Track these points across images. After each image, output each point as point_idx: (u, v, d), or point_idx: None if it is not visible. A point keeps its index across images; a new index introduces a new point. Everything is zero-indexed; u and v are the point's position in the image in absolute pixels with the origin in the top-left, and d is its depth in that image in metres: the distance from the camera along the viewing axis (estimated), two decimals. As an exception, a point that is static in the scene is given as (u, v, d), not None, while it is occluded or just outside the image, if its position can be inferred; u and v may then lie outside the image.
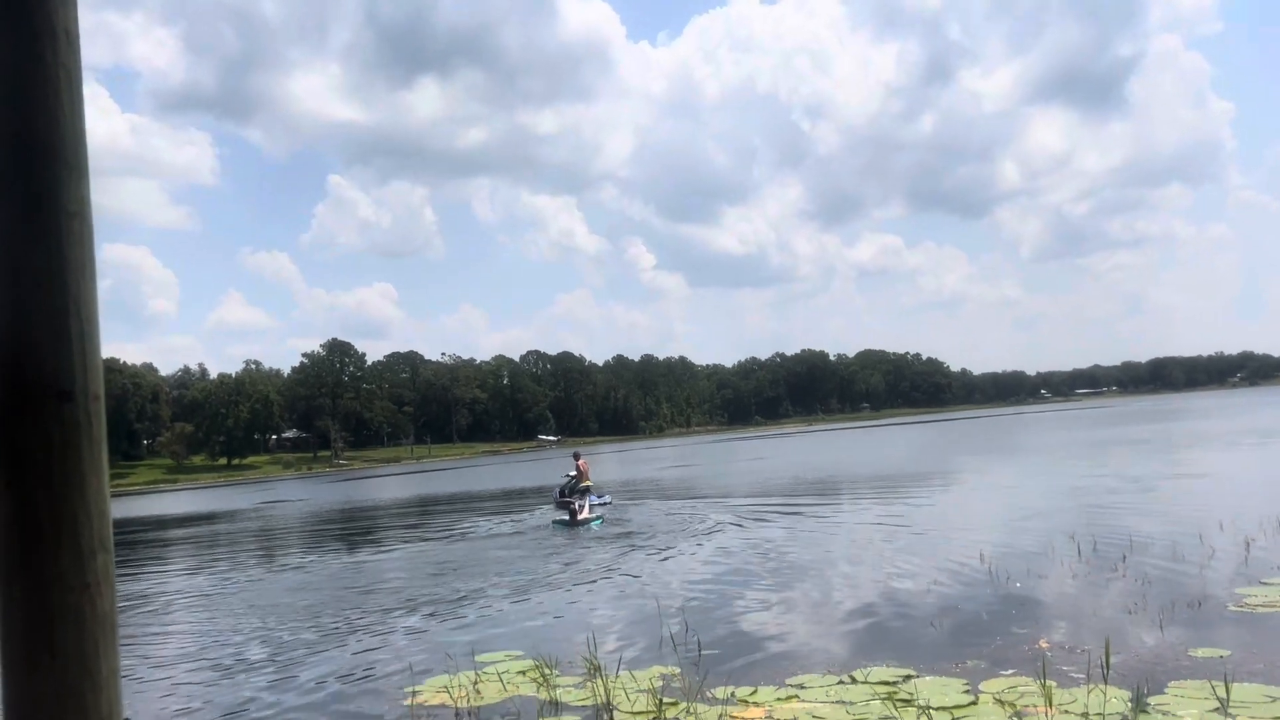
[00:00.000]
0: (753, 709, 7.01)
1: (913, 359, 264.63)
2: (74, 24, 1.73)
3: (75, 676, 1.63)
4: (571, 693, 7.65)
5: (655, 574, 14.09)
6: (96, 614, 1.69)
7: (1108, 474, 25.61)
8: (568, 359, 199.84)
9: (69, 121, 1.70)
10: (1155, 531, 14.04)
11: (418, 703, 7.82)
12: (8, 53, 1.63)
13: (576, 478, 28.14)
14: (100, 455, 1.72)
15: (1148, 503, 18.31)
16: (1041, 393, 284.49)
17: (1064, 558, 12.50)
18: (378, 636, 11.16)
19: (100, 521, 1.71)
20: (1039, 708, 6.33)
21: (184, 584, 17.89)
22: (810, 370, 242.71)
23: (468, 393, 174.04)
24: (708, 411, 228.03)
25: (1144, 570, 11.24)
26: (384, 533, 26.27)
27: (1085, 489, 22.13)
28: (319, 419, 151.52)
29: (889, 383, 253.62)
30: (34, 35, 1.66)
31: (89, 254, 1.73)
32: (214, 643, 11.73)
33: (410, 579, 15.92)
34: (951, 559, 13.25)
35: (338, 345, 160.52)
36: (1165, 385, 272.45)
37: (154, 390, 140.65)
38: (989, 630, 9.02)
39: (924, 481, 28.96)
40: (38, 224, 1.65)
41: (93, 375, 1.71)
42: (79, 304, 1.69)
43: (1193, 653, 7.63)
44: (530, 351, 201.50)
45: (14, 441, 1.65)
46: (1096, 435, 51.94)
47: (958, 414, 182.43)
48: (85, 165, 1.73)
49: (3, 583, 1.66)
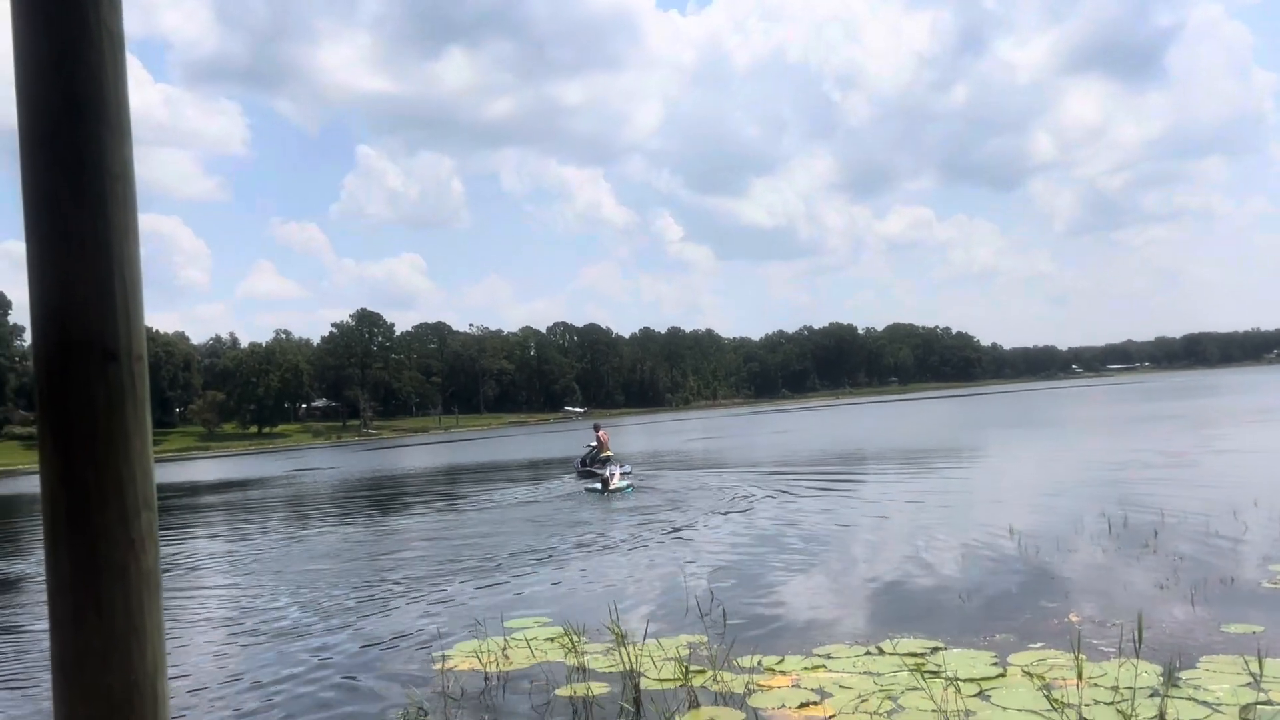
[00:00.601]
0: (779, 678, 7.04)
1: (942, 333, 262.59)
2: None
3: (121, 631, 1.66)
4: (599, 659, 7.72)
5: (682, 544, 14.15)
6: (141, 570, 1.71)
7: (1139, 449, 25.38)
8: (594, 331, 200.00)
9: (112, 84, 1.70)
10: (1188, 507, 13.92)
11: (447, 667, 7.92)
12: (53, 15, 1.64)
13: (597, 448, 29.09)
14: (144, 415, 1.74)
15: (1180, 478, 18.14)
16: (1073, 368, 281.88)
17: (1094, 533, 12.43)
18: (407, 601, 11.29)
19: (144, 480, 1.74)
20: (1069, 681, 6.32)
21: (217, 548, 18.16)
22: (838, 344, 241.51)
23: (495, 364, 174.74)
24: (734, 384, 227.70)
25: (1176, 546, 11.16)
26: (413, 500, 26.52)
27: (1116, 464, 21.95)
28: (348, 388, 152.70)
29: (918, 357, 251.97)
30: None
31: (132, 216, 1.75)
32: (244, 606, 11.92)
33: (438, 546, 16.08)
34: (980, 533, 13.21)
35: (367, 315, 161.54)
36: (1200, 361, 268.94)
37: (186, 359, 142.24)
38: (1018, 604, 9.00)
39: (952, 456, 28.84)
40: (82, 186, 1.67)
41: (136, 337, 1.73)
42: (122, 266, 1.70)
43: (1225, 628, 7.58)
44: (557, 323, 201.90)
45: (60, 402, 1.67)
46: (1128, 411, 51.46)
47: (987, 389, 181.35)
48: (128, 128, 1.74)
49: (50, 539, 1.69)
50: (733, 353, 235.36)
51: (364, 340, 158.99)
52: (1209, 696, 5.98)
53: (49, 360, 1.69)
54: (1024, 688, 6.41)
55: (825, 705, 6.36)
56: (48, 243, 1.68)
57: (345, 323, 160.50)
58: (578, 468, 29.56)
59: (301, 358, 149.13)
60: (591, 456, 29.09)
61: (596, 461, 28.36)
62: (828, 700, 6.45)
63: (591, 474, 26.93)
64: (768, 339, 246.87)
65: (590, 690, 7.07)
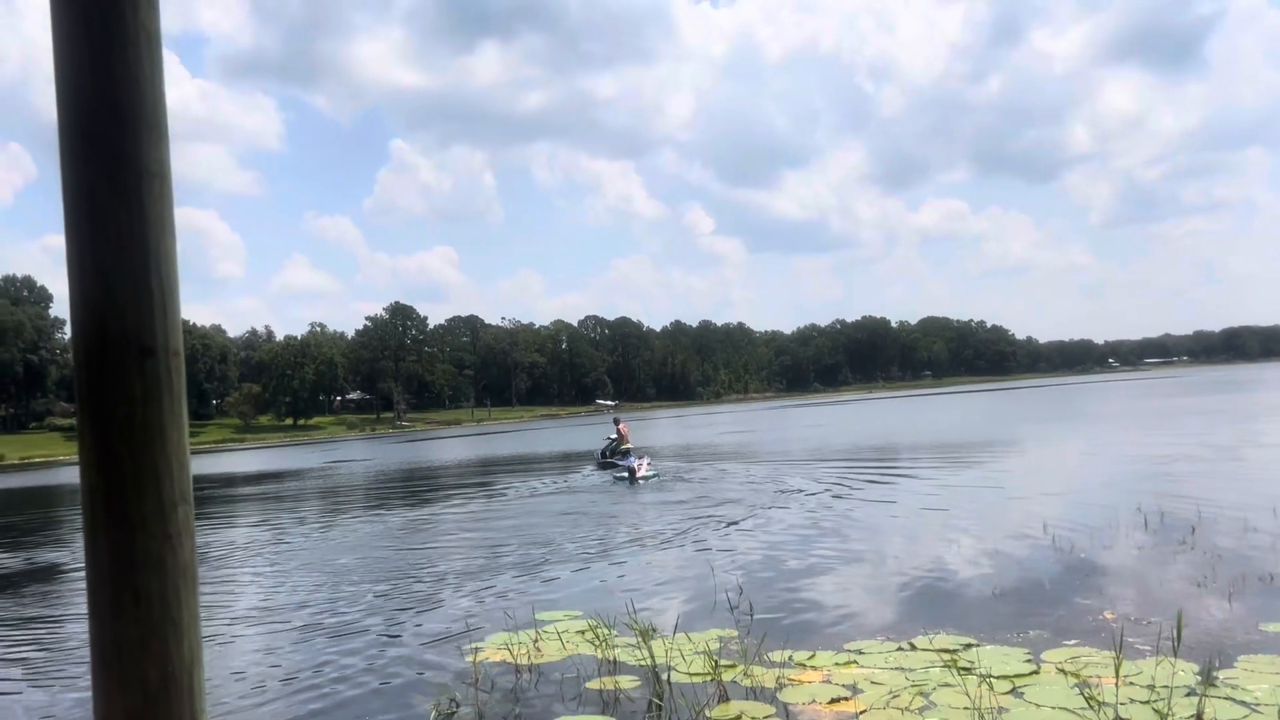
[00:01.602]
0: (810, 673, 7.03)
1: (976, 326, 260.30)
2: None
3: (159, 621, 1.69)
4: (630, 653, 7.74)
5: (713, 538, 14.14)
6: (178, 562, 1.74)
7: (1177, 444, 25.03)
8: (625, 324, 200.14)
9: (150, 82, 1.73)
10: (1226, 504, 13.72)
11: (479, 659, 7.97)
12: (91, 14, 1.67)
13: (617, 441, 30.05)
14: (180, 409, 1.77)
15: (1219, 474, 17.89)
16: (1109, 362, 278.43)
17: (1130, 529, 12.28)
18: (440, 593, 11.38)
19: (181, 474, 1.76)
20: (1104, 678, 6.26)
21: (254, 538, 18.38)
22: (871, 337, 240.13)
23: (527, 357, 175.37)
24: (766, 378, 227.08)
25: (1213, 543, 11.00)
26: (446, 492, 26.70)
27: (1153, 459, 21.67)
28: (382, 381, 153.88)
29: (952, 350, 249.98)
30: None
31: (169, 213, 1.77)
32: (279, 597, 12.06)
33: (470, 538, 16.18)
34: (1014, 528, 13.10)
35: (400, 309, 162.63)
36: (1239, 355, 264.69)
37: (223, 351, 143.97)
38: (1052, 600, 8.92)
39: (986, 450, 28.60)
40: (119, 183, 1.69)
41: (173, 332, 1.75)
42: (159, 262, 1.73)
43: (1264, 627, 7.47)
44: (588, 316, 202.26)
45: (99, 396, 1.70)
46: (1165, 405, 50.78)
47: (1022, 383, 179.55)
48: (165, 126, 1.76)
49: (89, 530, 1.71)
50: (764, 346, 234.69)
51: (397, 333, 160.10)
52: (1248, 696, 5.89)
53: (88, 355, 1.72)
54: (1058, 685, 6.35)
55: (856, 701, 6.34)
56: (86, 239, 1.71)
57: (379, 316, 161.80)
58: (598, 459, 30.45)
59: (336, 351, 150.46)
60: (612, 449, 29.96)
61: (617, 453, 29.27)
62: (859, 696, 6.43)
63: (613, 465, 27.93)
64: (800, 332, 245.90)
65: (619, 684, 7.09)
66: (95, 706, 1.75)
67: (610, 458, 29.36)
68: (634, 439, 31.75)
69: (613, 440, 30.39)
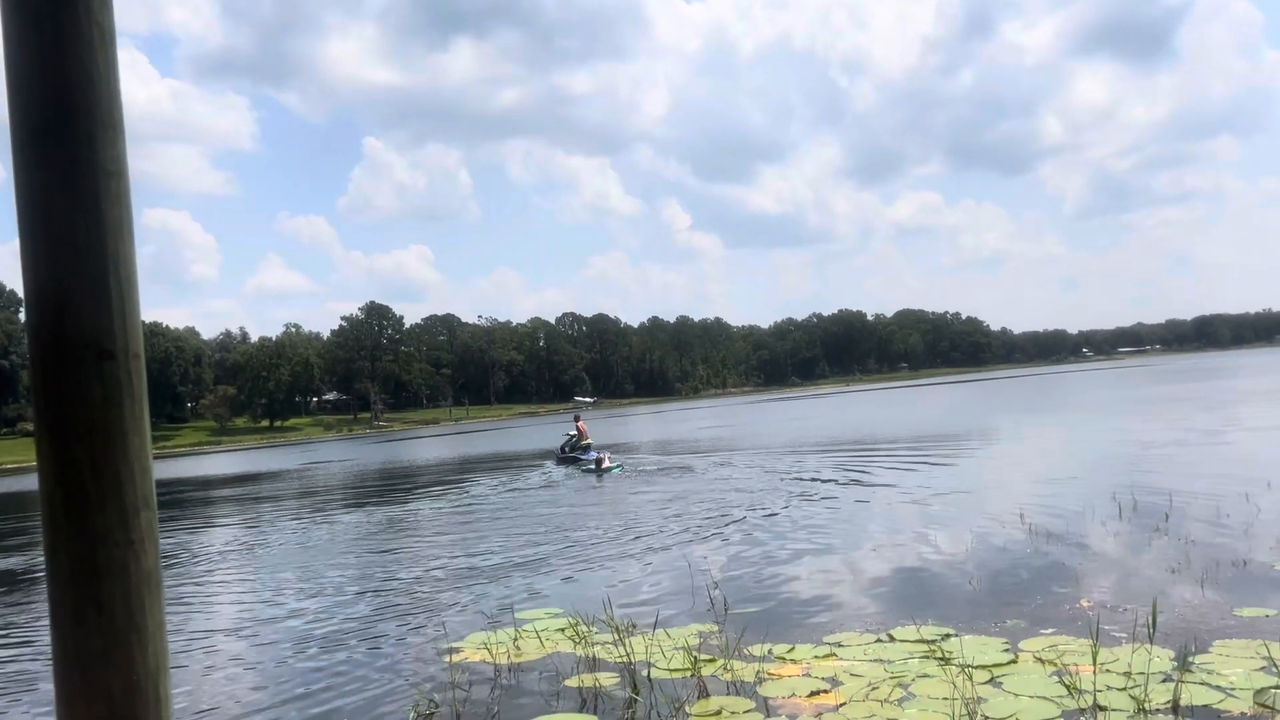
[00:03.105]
0: (790, 666, 7.04)
1: (952, 318, 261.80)
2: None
3: (122, 630, 1.66)
4: (610, 650, 7.72)
5: (691, 533, 14.14)
6: (141, 570, 1.71)
7: (1150, 432, 25.26)
8: (603, 321, 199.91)
9: (105, 81, 1.69)
10: (1199, 491, 13.85)
11: (458, 659, 7.93)
12: (44, 12, 1.63)
13: (576, 437, 31.60)
14: (142, 413, 1.74)
15: (1191, 461, 18.07)
16: (1083, 351, 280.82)
17: (1105, 517, 12.38)
18: (418, 593, 11.32)
19: (143, 479, 1.73)
20: (1081, 666, 6.30)
21: (229, 540, 18.22)
22: (847, 330, 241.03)
23: (504, 355, 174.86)
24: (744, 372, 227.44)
25: (1187, 530, 11.11)
26: (424, 491, 26.57)
27: (1127, 447, 21.87)
28: (358, 381, 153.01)
29: (928, 342, 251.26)
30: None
31: (127, 214, 1.74)
32: (254, 599, 11.96)
33: (448, 537, 16.11)
34: (990, 518, 13.17)
35: (376, 308, 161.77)
36: (1211, 343, 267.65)
37: (197, 354, 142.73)
38: (1029, 589, 8.98)
39: (962, 440, 28.77)
40: (75, 184, 1.66)
41: (133, 334, 1.72)
42: (118, 263, 1.70)
43: (1238, 612, 7.54)
44: (566, 314, 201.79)
45: (57, 401, 1.67)
46: (1138, 393, 51.26)
47: (997, 373, 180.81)
48: (121, 125, 1.73)
49: (49, 538, 1.68)
50: (742, 341, 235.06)
51: (374, 333, 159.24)
52: (1223, 681, 5.95)
53: (45, 359, 1.68)
54: (1036, 674, 6.39)
55: (836, 693, 6.35)
56: (41, 242, 1.67)
57: (355, 316, 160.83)
58: (557, 454, 32.22)
59: (312, 351, 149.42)
60: (571, 445, 31.51)
61: (576, 449, 30.89)
62: (838, 688, 6.44)
63: (573, 459, 29.97)
64: (777, 326, 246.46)
65: (599, 681, 7.07)
66: (58, 716, 1.71)
67: (570, 453, 30.95)
68: (612, 435, 32.35)
69: (572, 437, 31.80)
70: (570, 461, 30.16)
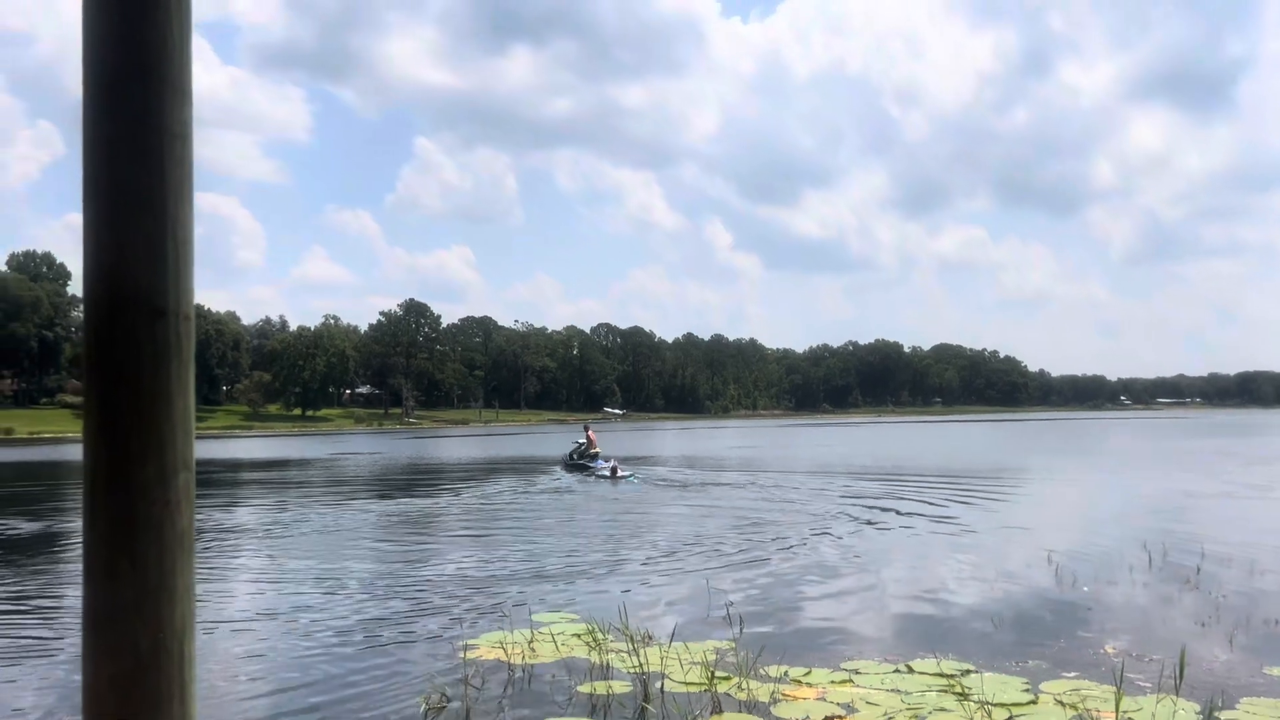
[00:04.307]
0: (806, 689, 6.97)
1: (990, 356, 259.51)
2: (187, -52, 1.75)
3: (153, 586, 1.68)
4: (625, 659, 7.68)
5: (713, 549, 14.07)
6: (176, 530, 1.73)
7: (1186, 484, 24.85)
8: (638, 334, 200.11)
9: (178, 47, 1.72)
10: (1234, 545, 13.60)
11: (473, 656, 7.93)
12: (122, -28, 1.66)
13: (585, 445, 33.07)
14: (188, 376, 1.76)
15: (1227, 516, 17.74)
16: (1121, 399, 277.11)
17: (1135, 565, 12.18)
18: (437, 588, 11.34)
19: (185, 440, 1.75)
20: (1103, 713, 6.19)
21: (254, 525, 18.37)
22: (883, 360, 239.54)
23: (537, 361, 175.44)
24: (775, 396, 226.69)
25: (1219, 584, 10.89)
26: (449, 488, 26.67)
27: (1162, 497, 21.52)
28: (392, 377, 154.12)
29: (963, 379, 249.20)
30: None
31: (188, 177, 1.76)
32: (274, 585, 12.03)
33: (469, 535, 16.15)
34: (1018, 558, 13.01)
35: (414, 306, 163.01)
36: (1253, 400, 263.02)
37: (235, 338, 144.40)
38: (1053, 632, 8.84)
39: (994, 479, 28.45)
40: (141, 143, 1.68)
41: (185, 296, 1.74)
42: (176, 225, 1.72)
43: (1268, 670, 7.37)
44: (601, 324, 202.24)
45: (107, 356, 1.69)
46: (1177, 444, 50.47)
47: (1033, 415, 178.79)
48: (190, 91, 1.75)
49: (89, 492, 1.70)
50: (775, 363, 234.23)
51: (410, 330, 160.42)
52: (1247, 739, 5.81)
53: (98, 315, 1.70)
54: (1056, 716, 6.28)
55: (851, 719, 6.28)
56: (104, 198, 1.70)
57: (393, 311, 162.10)
58: (566, 460, 33.65)
59: (348, 344, 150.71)
60: (580, 453, 32.93)
61: (584, 457, 32.23)
62: (853, 715, 6.36)
63: (582, 467, 31.15)
64: (812, 351, 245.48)
65: (611, 689, 7.04)
66: (84, 671, 1.73)
67: (579, 460, 32.23)
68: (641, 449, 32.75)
69: (581, 444, 33.20)
70: (579, 469, 31.13)
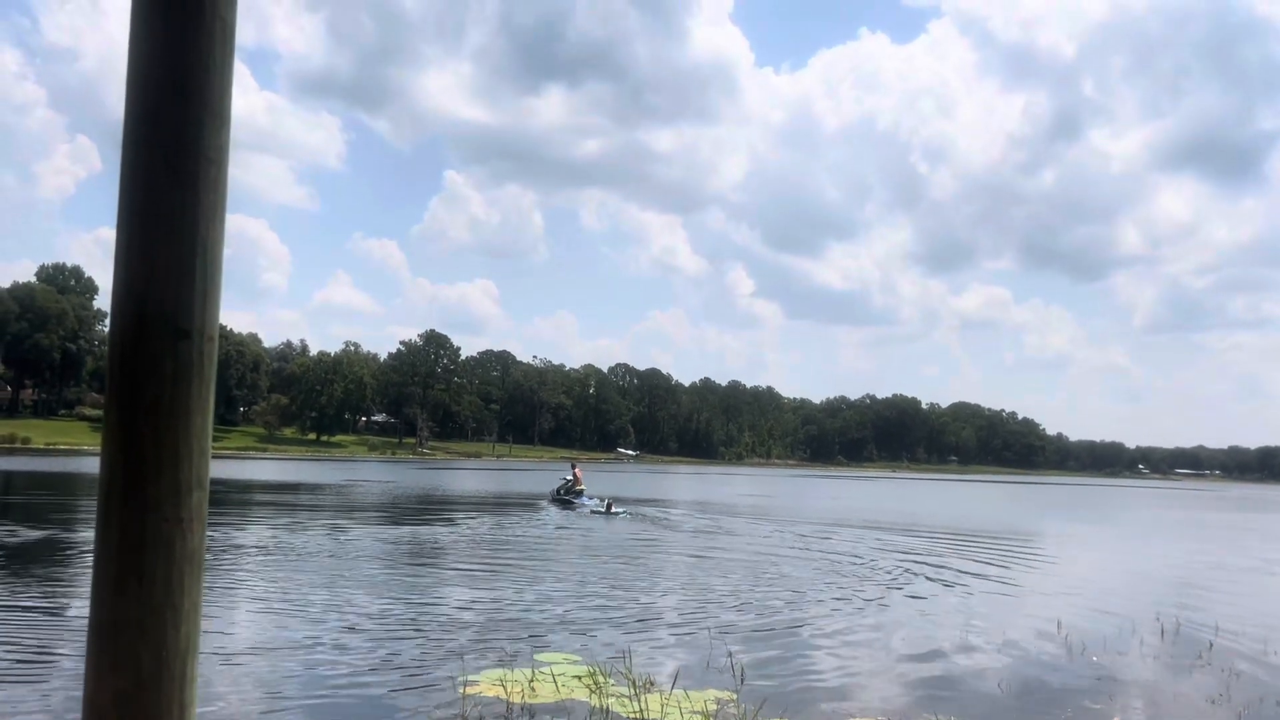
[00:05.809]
0: (805, 746, 6.88)
1: (1007, 417, 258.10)
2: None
3: (160, 604, 1.69)
4: (625, 703, 7.62)
5: (722, 596, 13.96)
6: (186, 548, 1.74)
7: (1202, 557, 24.52)
8: (655, 376, 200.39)
9: (219, 72, 1.76)
10: (1248, 621, 13.39)
11: (472, 692, 7.88)
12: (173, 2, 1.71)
13: (572, 482, 34.54)
14: (208, 395, 1.78)
15: (1242, 591, 17.49)
16: (1139, 468, 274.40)
17: (1146, 637, 12.00)
18: (438, 620, 11.29)
19: (200, 459, 1.77)
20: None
21: (260, 547, 18.36)
22: (900, 416, 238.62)
23: (554, 397, 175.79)
24: (789, 445, 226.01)
25: (1231, 659, 10.72)
26: (459, 521, 26.62)
27: (1176, 569, 21.23)
28: (408, 406, 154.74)
29: (980, 438, 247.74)
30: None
31: (222, 201, 1.80)
32: (277, 610, 12.00)
33: (479, 569, 16.08)
34: (1027, 623, 12.84)
35: (435, 337, 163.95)
36: (1274, 475, 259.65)
37: (256, 360, 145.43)
38: (1058, 699, 8.71)
39: (1006, 542, 28.14)
40: (178, 167, 1.72)
41: (210, 318, 1.77)
42: (206, 247, 1.75)
43: (1277, 753, 7.23)
44: (619, 364, 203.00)
45: (130, 373, 1.72)
46: (1195, 516, 49.86)
47: (1049, 478, 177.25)
48: (229, 116, 1.80)
49: (102, 505, 1.72)
50: (791, 413, 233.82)
51: (429, 360, 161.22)
52: (1254, 822, 5.69)
53: (123, 332, 1.73)
54: (1058, 788, 6.17)
55: (849, 779, 6.18)
56: (138, 218, 1.74)
57: (413, 341, 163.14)
58: (554, 495, 35.07)
59: (367, 371, 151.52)
60: (566, 489, 34.25)
61: (571, 493, 33.55)
62: (852, 775, 6.27)
63: (568, 502, 32.69)
64: (829, 403, 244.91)
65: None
66: (86, 686, 1.74)
67: (564, 495, 33.59)
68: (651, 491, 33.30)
69: (568, 481, 34.63)
70: (565, 504, 32.46)
